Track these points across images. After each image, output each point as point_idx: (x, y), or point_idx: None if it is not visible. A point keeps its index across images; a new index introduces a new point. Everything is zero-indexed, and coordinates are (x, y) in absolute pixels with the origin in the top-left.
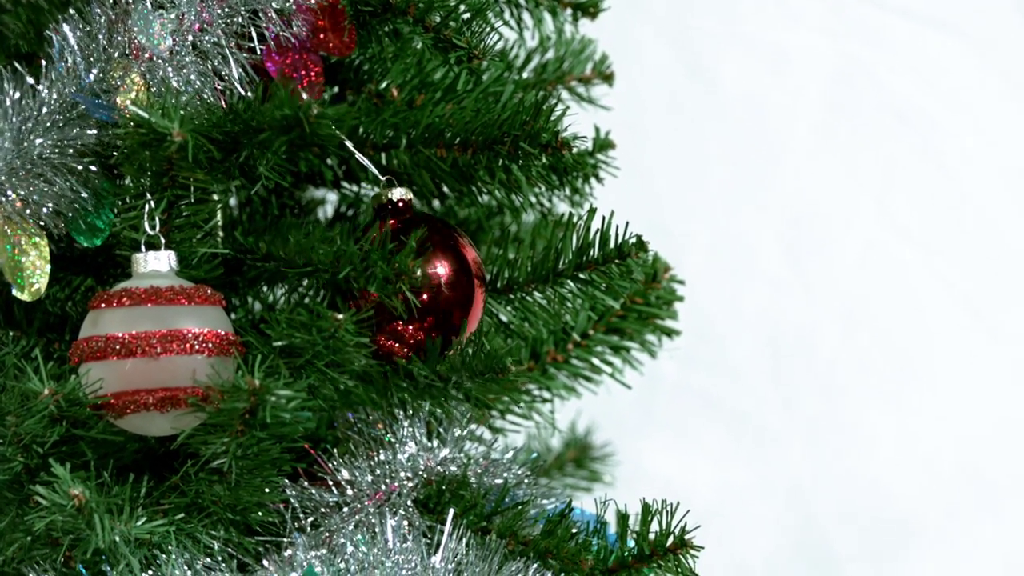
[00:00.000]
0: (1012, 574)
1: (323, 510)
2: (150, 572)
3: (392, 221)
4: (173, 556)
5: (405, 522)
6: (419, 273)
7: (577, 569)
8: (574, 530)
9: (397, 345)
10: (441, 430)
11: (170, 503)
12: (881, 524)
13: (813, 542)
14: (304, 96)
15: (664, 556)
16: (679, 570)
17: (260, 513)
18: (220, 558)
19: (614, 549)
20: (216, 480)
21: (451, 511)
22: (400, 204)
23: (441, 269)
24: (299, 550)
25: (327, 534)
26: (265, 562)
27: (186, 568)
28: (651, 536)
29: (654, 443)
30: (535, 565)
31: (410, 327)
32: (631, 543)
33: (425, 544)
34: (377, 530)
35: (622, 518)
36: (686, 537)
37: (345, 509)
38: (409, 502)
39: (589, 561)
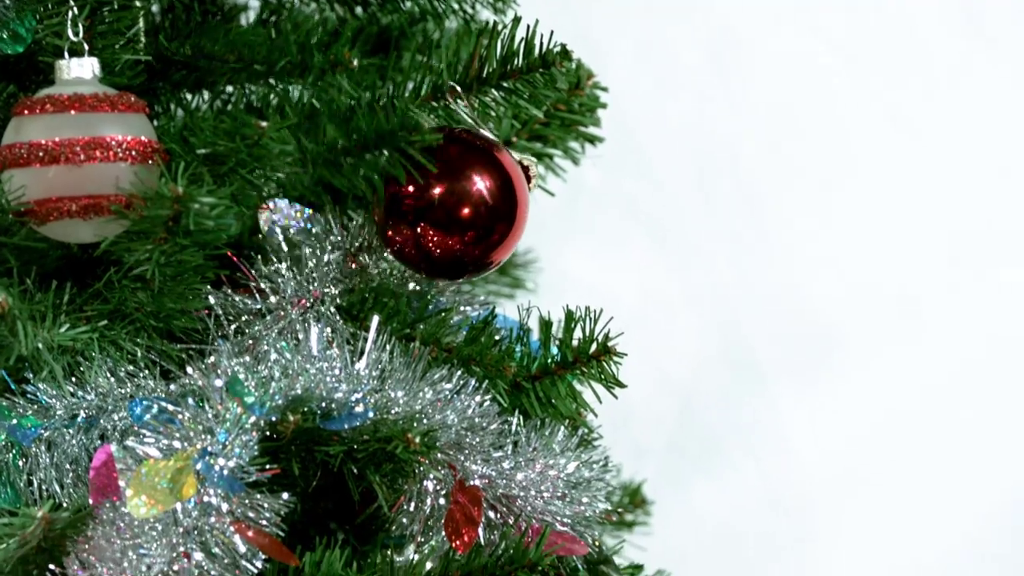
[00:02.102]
0: (933, 383)
1: (246, 317)
2: (73, 379)
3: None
4: (96, 363)
5: (329, 329)
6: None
7: (500, 376)
8: (497, 337)
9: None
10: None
11: (93, 310)
12: (805, 334)
13: (737, 352)
14: None
15: (587, 363)
16: (602, 377)
17: (183, 320)
18: (143, 365)
19: (537, 356)
20: (139, 287)
21: (375, 318)
22: None
23: (481, 184)
24: (223, 357)
25: (251, 341)
26: (188, 369)
27: (109, 375)
28: (574, 343)
29: (577, 250)
30: (459, 372)
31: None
32: (554, 350)
33: (349, 351)
34: (301, 337)
35: (545, 325)
36: (609, 344)
37: (268, 316)
38: (332, 309)
39: (512, 368)
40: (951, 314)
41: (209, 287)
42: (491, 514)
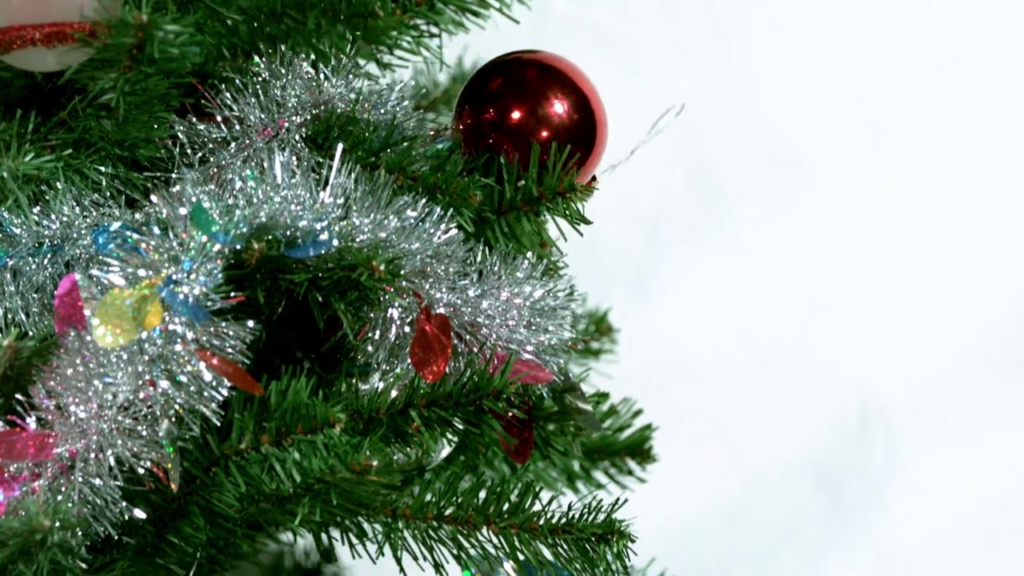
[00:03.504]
0: (901, 208)
1: (211, 146)
2: (38, 208)
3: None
4: (61, 192)
5: (294, 158)
6: None
7: (466, 204)
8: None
9: None
10: (329, 66)
11: (58, 139)
12: (772, 163)
13: (704, 179)
14: None
15: (552, 199)
16: (568, 213)
17: (148, 149)
18: (108, 194)
19: (504, 191)
20: (104, 116)
21: (339, 146)
22: None
23: (560, 107)
24: (187, 186)
25: (215, 170)
26: (153, 197)
27: (74, 204)
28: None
29: None
30: (424, 200)
31: None
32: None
33: (314, 180)
34: (266, 166)
35: (512, 160)
36: (575, 181)
37: (233, 145)
38: (298, 138)
39: (478, 196)
40: (918, 140)
41: (174, 116)
42: (456, 343)
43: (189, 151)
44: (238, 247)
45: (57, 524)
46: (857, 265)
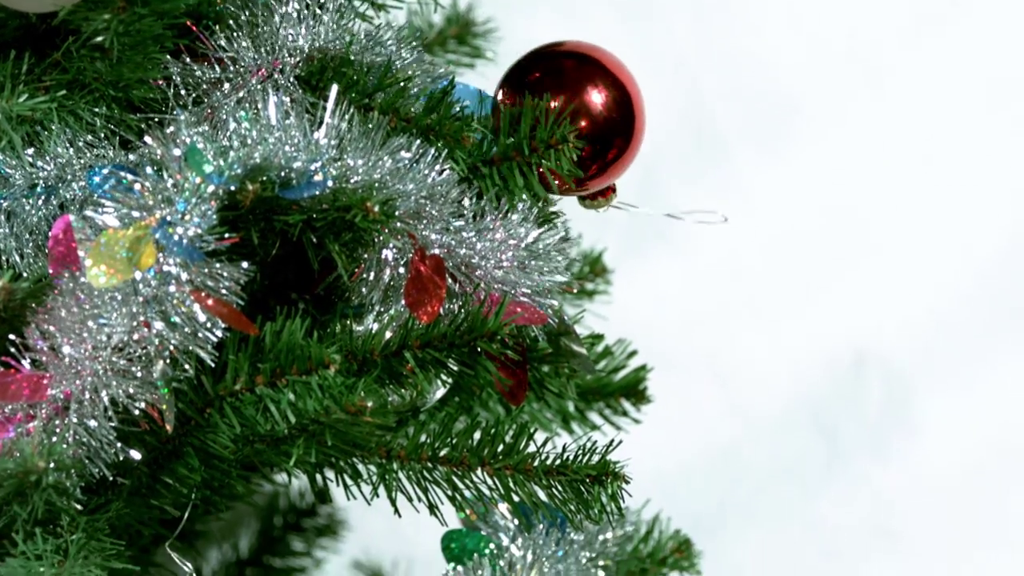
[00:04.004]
0: (896, 144)
1: (205, 87)
2: (32, 149)
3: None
4: (55, 133)
5: (288, 99)
6: None
7: (459, 146)
8: (456, 108)
9: None
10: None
11: (52, 80)
12: (767, 101)
13: (700, 120)
14: None
15: (545, 152)
16: (560, 165)
17: (142, 90)
18: (103, 135)
19: (495, 142)
20: (98, 57)
21: (334, 88)
22: None
23: (597, 97)
24: (181, 127)
25: (209, 111)
26: (147, 138)
27: (68, 145)
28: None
29: (538, 20)
30: (417, 142)
31: None
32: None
33: (308, 121)
34: (260, 107)
35: (505, 112)
36: (568, 133)
37: (228, 85)
38: (292, 79)
39: (471, 138)
40: (914, 79)
41: (168, 57)
42: (451, 284)
43: (183, 92)
44: (232, 188)
45: (52, 465)
46: (853, 206)
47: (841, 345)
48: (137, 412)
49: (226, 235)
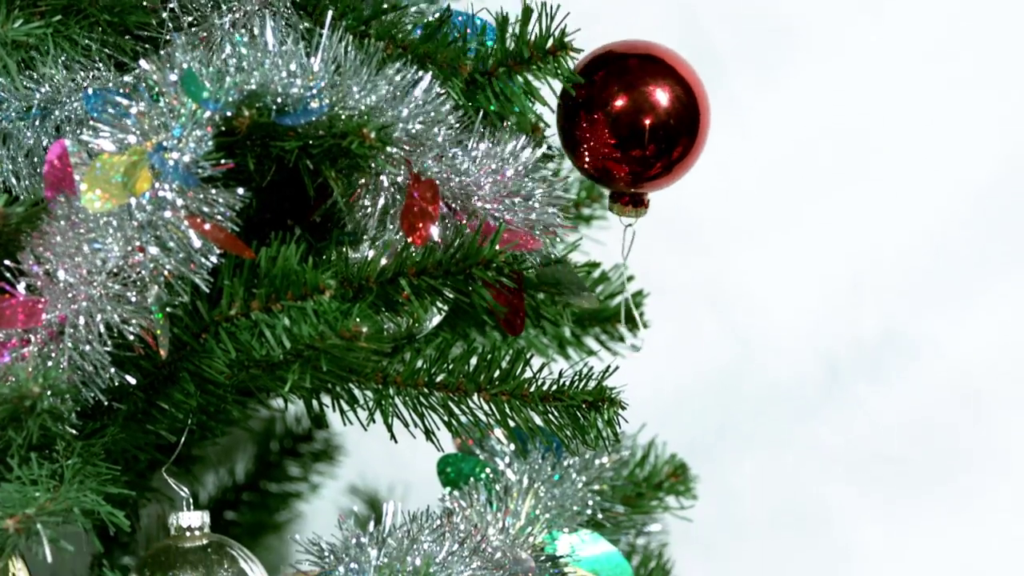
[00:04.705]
0: (893, 71)
1: (201, 11)
2: (27, 73)
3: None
4: (51, 57)
5: (284, 24)
6: None
7: (456, 74)
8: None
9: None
10: None
11: (47, 5)
12: (763, 22)
13: (696, 42)
14: None
15: (544, 58)
16: (559, 72)
17: (138, 15)
18: (98, 59)
19: (492, 51)
20: None
21: (329, 13)
22: None
23: (661, 95)
24: (177, 51)
25: (204, 35)
26: (143, 62)
27: (63, 68)
28: (531, 38)
29: None
30: (413, 68)
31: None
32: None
33: (304, 47)
34: (256, 31)
35: (501, 20)
36: (566, 40)
37: (224, 8)
38: (288, 3)
39: (467, 66)
40: (913, 2)
41: None
42: (446, 211)
43: (179, 15)
44: (228, 114)
45: (47, 390)
46: (850, 130)
47: (839, 269)
48: (132, 337)
49: (222, 161)
